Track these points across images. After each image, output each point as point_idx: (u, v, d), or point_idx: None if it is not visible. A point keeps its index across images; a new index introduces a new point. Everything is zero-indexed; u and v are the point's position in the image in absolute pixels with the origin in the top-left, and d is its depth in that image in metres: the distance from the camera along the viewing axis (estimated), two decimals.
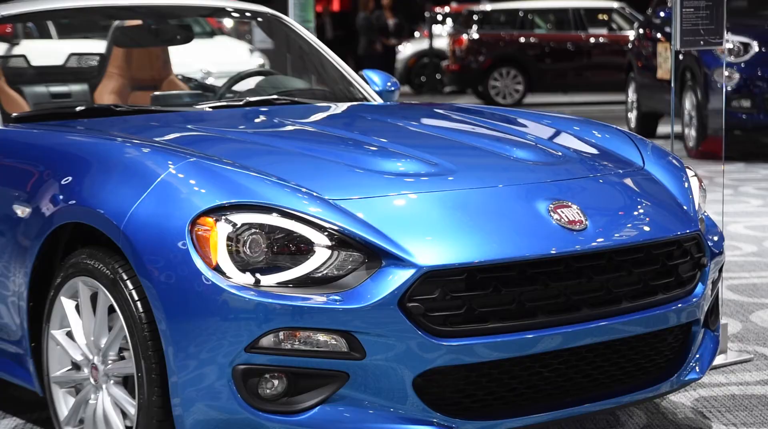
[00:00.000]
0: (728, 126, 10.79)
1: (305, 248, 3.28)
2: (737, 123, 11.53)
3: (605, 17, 20.20)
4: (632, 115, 14.22)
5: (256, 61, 11.25)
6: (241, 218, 3.29)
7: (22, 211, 3.85)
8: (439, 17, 27.40)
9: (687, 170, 4.09)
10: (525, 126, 4.35)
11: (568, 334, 3.41)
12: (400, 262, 3.26)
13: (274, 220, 3.30)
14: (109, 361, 3.57)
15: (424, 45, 24.26)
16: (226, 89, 5.17)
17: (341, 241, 3.28)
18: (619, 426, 4.09)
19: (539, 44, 20.01)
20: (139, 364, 3.39)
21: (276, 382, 3.28)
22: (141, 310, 3.39)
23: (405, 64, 23.78)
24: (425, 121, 4.45)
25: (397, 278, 3.25)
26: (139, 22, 5.32)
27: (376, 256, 3.28)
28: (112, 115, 4.46)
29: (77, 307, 3.69)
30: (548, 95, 21.01)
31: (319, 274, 3.27)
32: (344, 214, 3.35)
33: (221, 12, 5.68)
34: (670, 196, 3.87)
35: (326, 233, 3.29)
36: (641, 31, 14.19)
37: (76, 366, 3.72)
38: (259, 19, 5.64)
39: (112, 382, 3.57)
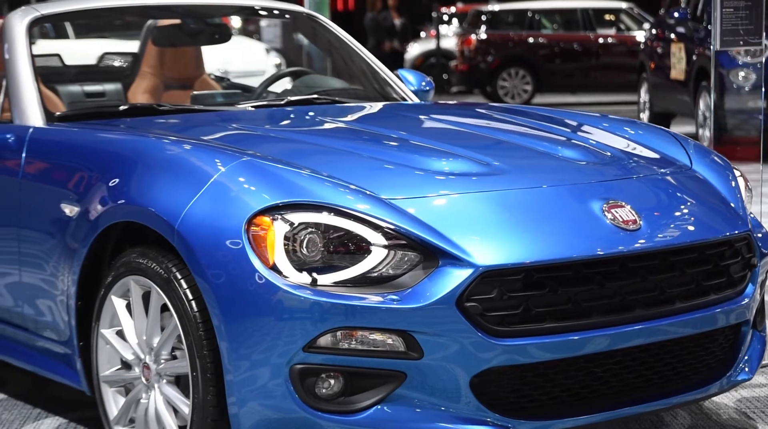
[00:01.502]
0: (744, 127, 10.78)
1: (362, 247, 3.28)
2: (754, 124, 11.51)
3: (614, 18, 20.19)
4: (645, 116, 14.21)
5: (273, 60, 11.26)
6: (297, 217, 3.29)
7: (70, 210, 3.85)
8: (445, 17, 27.42)
9: (734, 170, 4.09)
10: (568, 125, 4.35)
11: (623, 334, 3.40)
12: (457, 261, 3.26)
13: (330, 219, 3.29)
14: (162, 361, 3.56)
15: (431, 45, 24.26)
16: (264, 88, 5.17)
17: (398, 240, 3.28)
18: (664, 426, 4.09)
19: (548, 44, 20.01)
20: (194, 364, 3.39)
21: (332, 381, 3.28)
22: (196, 309, 3.38)
23: (412, 64, 23.77)
24: (469, 120, 4.44)
25: (454, 278, 3.24)
26: (174, 21, 5.31)
27: (433, 256, 3.28)
28: (155, 115, 4.45)
29: (128, 306, 3.68)
30: (557, 96, 20.99)
31: (376, 274, 3.27)
32: (400, 213, 3.34)
33: (257, 11, 5.67)
34: (719, 196, 3.87)
35: (383, 232, 3.29)
36: (654, 31, 14.18)
37: (126, 365, 3.72)
38: (287, 17, 5.63)
39: (164, 381, 3.57)
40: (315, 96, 4.79)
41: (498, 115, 4.54)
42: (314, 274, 3.26)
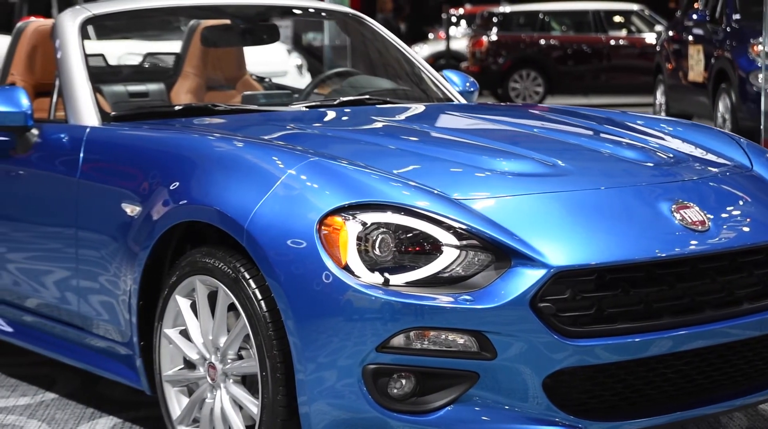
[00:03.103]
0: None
1: (434, 248, 3.28)
2: None
3: (626, 19, 20.20)
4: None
5: (294, 61, 11.25)
6: (370, 217, 3.28)
7: (131, 209, 3.84)
8: (453, 19, 27.42)
9: None
10: (624, 126, 4.34)
11: (693, 335, 3.40)
12: (530, 261, 3.26)
13: (402, 219, 3.29)
14: (228, 360, 3.56)
15: (440, 47, 24.26)
16: (312, 89, 5.16)
17: (470, 240, 3.28)
18: (720, 427, 4.09)
19: (559, 46, 20.01)
20: (263, 363, 3.39)
21: (404, 381, 3.28)
22: (265, 309, 3.38)
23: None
24: (526, 121, 4.43)
25: (528, 278, 3.24)
26: (222, 21, 5.31)
27: (505, 256, 3.28)
28: (210, 115, 4.45)
29: (192, 306, 3.68)
30: (568, 98, 21.00)
31: (447, 274, 3.26)
32: (471, 213, 3.34)
33: (303, 12, 5.67)
34: None
35: (454, 232, 3.28)
36: (670, 33, 14.19)
37: (189, 364, 3.72)
38: (323, 15, 5.61)
39: (231, 381, 3.57)
40: (366, 97, 4.79)
41: (552, 116, 4.54)
42: (386, 274, 3.26)
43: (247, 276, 3.43)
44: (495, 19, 20.69)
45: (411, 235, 3.28)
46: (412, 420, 3.27)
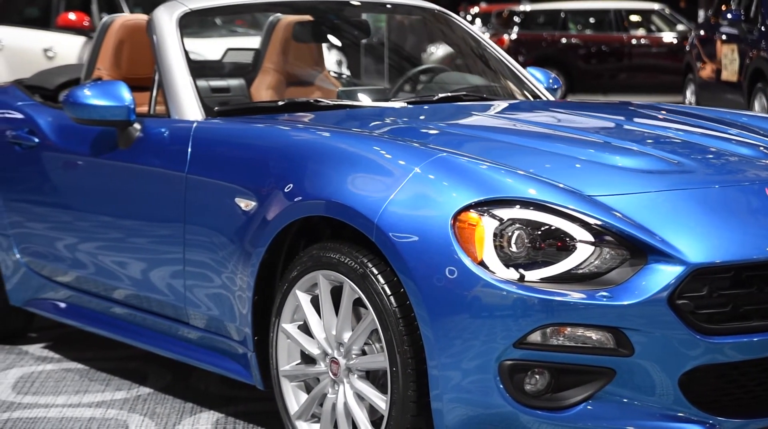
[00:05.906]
0: None
1: (568, 244, 3.27)
2: None
3: (645, 18, 20.21)
4: None
5: (333, 57, 11.22)
6: (506, 213, 3.28)
7: (246, 204, 3.83)
8: (468, 18, 27.42)
9: None
10: (729, 124, 4.33)
11: None
12: (667, 258, 3.25)
13: (537, 215, 3.29)
14: (353, 356, 3.56)
15: None
16: (401, 85, 5.15)
17: (605, 236, 3.27)
18: None
19: (580, 45, 20.01)
20: (393, 359, 3.38)
21: (538, 377, 3.28)
22: (395, 304, 3.38)
23: (440, 63, 23.72)
24: (633, 119, 4.42)
25: (665, 275, 3.23)
26: (306, 17, 5.30)
27: (640, 253, 3.27)
28: (312, 110, 4.43)
29: (312, 301, 3.67)
30: (589, 96, 20.98)
31: (582, 271, 3.26)
32: (605, 209, 3.33)
33: (387, 8, 5.66)
34: None
35: (589, 229, 3.28)
36: (701, 32, 14.19)
37: (307, 359, 3.71)
38: (392, 6, 5.60)
39: (356, 376, 3.56)
40: (463, 93, 4.78)
41: (656, 113, 4.53)
42: (521, 270, 3.26)
43: (375, 271, 3.43)
44: (516, 18, 20.70)
45: (545, 230, 3.28)
46: (548, 416, 3.27)
